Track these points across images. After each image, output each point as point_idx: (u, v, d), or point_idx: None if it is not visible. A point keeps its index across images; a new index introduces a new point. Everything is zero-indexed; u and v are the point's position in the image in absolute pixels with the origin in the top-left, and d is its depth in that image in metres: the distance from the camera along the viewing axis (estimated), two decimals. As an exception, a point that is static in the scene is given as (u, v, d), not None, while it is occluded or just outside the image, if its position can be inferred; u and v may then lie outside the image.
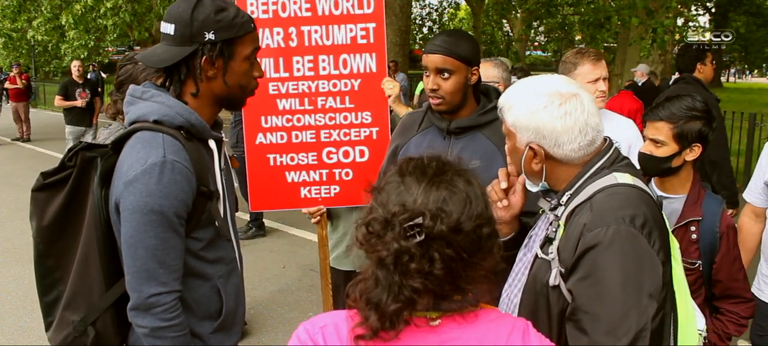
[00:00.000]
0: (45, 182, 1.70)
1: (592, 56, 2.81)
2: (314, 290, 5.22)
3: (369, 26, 2.84)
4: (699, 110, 2.18)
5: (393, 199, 1.15)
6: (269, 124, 2.86)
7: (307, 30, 2.82)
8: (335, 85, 2.86)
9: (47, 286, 1.75)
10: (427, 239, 1.11)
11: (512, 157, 1.61)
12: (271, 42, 2.81)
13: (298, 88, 2.86)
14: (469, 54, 2.15)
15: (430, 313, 1.17)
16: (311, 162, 2.92)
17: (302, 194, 2.95)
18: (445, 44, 2.14)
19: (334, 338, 1.17)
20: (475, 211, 1.15)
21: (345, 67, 2.85)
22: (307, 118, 2.88)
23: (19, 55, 18.24)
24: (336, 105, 2.88)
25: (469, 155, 2.19)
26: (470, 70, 2.18)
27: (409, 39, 14.36)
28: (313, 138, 2.90)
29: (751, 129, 8.87)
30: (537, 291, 1.50)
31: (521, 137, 1.54)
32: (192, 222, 1.64)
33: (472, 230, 1.14)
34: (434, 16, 33.67)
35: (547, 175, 1.56)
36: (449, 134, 2.24)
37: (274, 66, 2.82)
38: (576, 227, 1.43)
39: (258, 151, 2.87)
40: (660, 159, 2.21)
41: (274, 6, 2.79)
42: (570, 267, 1.41)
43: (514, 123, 1.54)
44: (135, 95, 1.69)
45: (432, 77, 2.16)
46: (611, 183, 1.47)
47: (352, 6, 2.82)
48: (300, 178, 2.93)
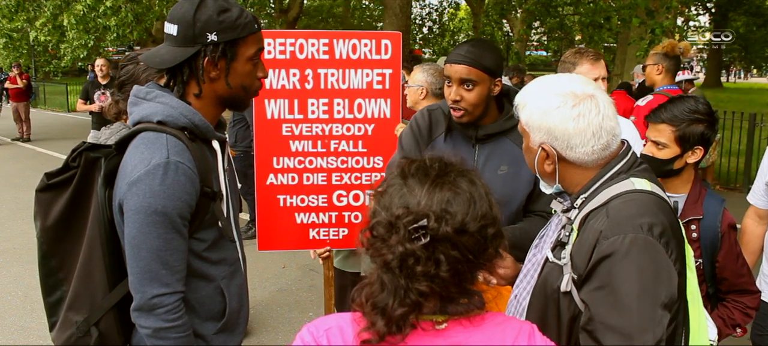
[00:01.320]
0: (49, 182, 1.71)
1: (591, 56, 2.81)
2: (314, 290, 5.23)
3: (385, 72, 2.85)
4: (701, 113, 2.18)
5: (396, 201, 1.14)
6: (281, 165, 2.86)
7: (323, 73, 2.82)
8: (349, 129, 2.88)
9: (51, 286, 1.76)
10: (433, 240, 1.10)
11: (527, 157, 1.59)
12: (286, 83, 2.81)
13: (312, 130, 2.86)
14: (493, 65, 2.10)
15: (437, 316, 1.16)
16: (321, 204, 2.93)
17: (311, 236, 2.96)
18: (469, 54, 2.08)
19: (338, 340, 1.17)
20: (480, 211, 1.14)
21: (359, 112, 2.87)
22: (319, 161, 2.89)
23: (19, 55, 18.22)
24: (349, 149, 2.89)
25: (497, 162, 2.15)
26: (493, 82, 2.12)
27: (409, 39, 14.37)
28: (324, 180, 2.91)
29: (751, 129, 8.88)
30: (547, 296, 1.47)
31: (534, 137, 1.50)
32: (195, 223, 1.64)
33: (478, 231, 1.13)
34: (434, 16, 33.64)
35: (561, 177, 1.52)
36: (477, 142, 2.20)
37: (289, 107, 2.82)
38: (591, 232, 1.39)
39: (268, 191, 2.87)
40: (662, 161, 2.21)
41: (291, 47, 2.79)
42: (584, 275, 1.38)
43: (527, 122, 1.51)
44: (139, 96, 1.69)
45: (455, 88, 2.10)
46: (628, 189, 1.43)
47: (370, 51, 2.83)
48: (309, 219, 2.94)
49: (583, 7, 14.86)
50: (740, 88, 34.82)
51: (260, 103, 2.77)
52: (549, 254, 1.50)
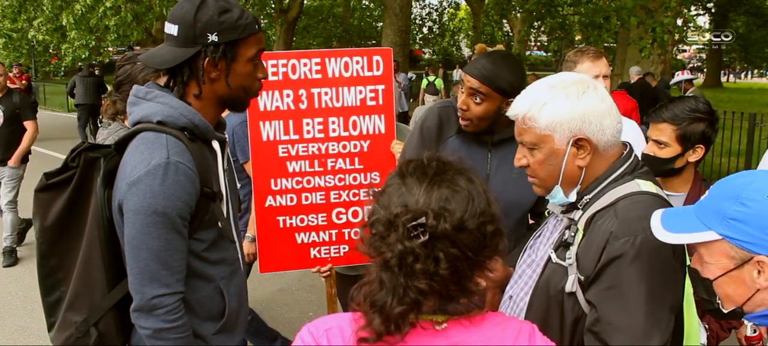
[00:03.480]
0: (48, 182, 1.70)
1: (592, 54, 2.82)
2: (314, 290, 5.23)
3: (378, 88, 2.85)
4: (702, 112, 2.18)
5: (395, 200, 1.14)
6: (279, 186, 2.86)
7: (317, 92, 2.82)
8: (345, 146, 2.87)
9: (50, 286, 1.75)
10: (431, 238, 1.10)
11: (544, 167, 1.50)
12: (280, 104, 2.80)
13: (308, 150, 2.86)
14: (507, 86, 2.06)
15: (437, 316, 1.16)
16: (321, 223, 2.92)
17: (312, 255, 2.96)
18: (484, 70, 2.07)
19: (338, 340, 1.17)
20: (478, 208, 1.14)
21: (355, 129, 2.87)
22: (316, 180, 2.88)
23: (19, 55, 18.23)
24: (345, 166, 2.89)
25: (510, 166, 2.10)
26: (506, 101, 2.07)
27: (409, 39, 14.38)
28: (322, 199, 2.91)
29: (751, 129, 8.87)
30: (550, 296, 1.46)
31: (561, 136, 1.45)
32: (195, 223, 1.64)
33: (476, 228, 1.13)
34: (434, 16, 33.68)
35: (588, 170, 1.48)
36: (492, 146, 2.20)
37: (284, 128, 2.82)
38: (599, 234, 1.39)
39: (268, 213, 2.87)
40: (663, 160, 2.21)
41: (284, 68, 2.78)
42: (592, 276, 1.37)
43: (550, 122, 1.45)
44: (138, 96, 1.69)
45: (464, 97, 2.11)
46: (635, 190, 1.43)
47: (362, 68, 2.84)
48: (310, 239, 2.94)
49: (583, 7, 14.87)
50: (740, 88, 34.85)
51: (255, 125, 2.77)
52: (552, 254, 1.49)
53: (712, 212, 1.18)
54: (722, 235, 1.16)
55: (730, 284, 1.18)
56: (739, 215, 1.13)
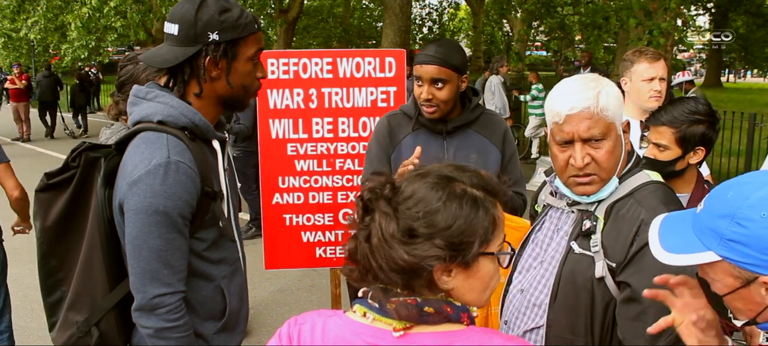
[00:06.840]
0: (49, 182, 1.71)
1: (650, 55, 2.78)
2: (314, 290, 5.23)
3: (390, 90, 2.85)
4: (702, 113, 2.18)
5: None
6: (286, 184, 2.86)
7: (327, 92, 2.83)
8: (354, 147, 2.88)
9: (51, 286, 1.76)
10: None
11: (613, 156, 1.53)
12: (290, 103, 2.81)
13: (317, 149, 2.87)
14: (460, 63, 2.23)
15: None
16: (327, 223, 2.93)
17: (317, 254, 2.97)
18: (438, 55, 2.19)
19: (307, 340, 1.12)
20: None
21: (364, 130, 2.87)
22: (324, 180, 2.89)
23: (19, 55, 18.22)
24: (354, 167, 2.89)
25: (466, 151, 2.27)
26: (461, 79, 2.25)
27: (409, 39, 14.35)
28: (330, 199, 2.91)
29: (751, 129, 8.87)
30: (578, 286, 1.51)
31: (619, 122, 1.55)
32: (196, 223, 1.64)
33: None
34: (434, 16, 33.66)
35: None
36: (447, 135, 2.31)
37: (293, 127, 2.82)
38: (627, 221, 1.48)
39: (275, 210, 2.87)
40: (664, 163, 2.21)
41: (295, 67, 2.78)
42: (625, 261, 1.45)
43: (615, 110, 1.52)
44: (139, 95, 1.69)
45: (426, 87, 2.21)
46: (647, 180, 1.55)
47: (374, 69, 2.83)
48: (315, 238, 2.94)
49: (582, 7, 14.87)
50: (740, 88, 34.82)
51: (265, 123, 2.77)
52: (574, 245, 1.54)
53: (709, 230, 1.14)
54: (722, 256, 1.12)
55: (740, 301, 1.16)
56: (736, 236, 1.09)
